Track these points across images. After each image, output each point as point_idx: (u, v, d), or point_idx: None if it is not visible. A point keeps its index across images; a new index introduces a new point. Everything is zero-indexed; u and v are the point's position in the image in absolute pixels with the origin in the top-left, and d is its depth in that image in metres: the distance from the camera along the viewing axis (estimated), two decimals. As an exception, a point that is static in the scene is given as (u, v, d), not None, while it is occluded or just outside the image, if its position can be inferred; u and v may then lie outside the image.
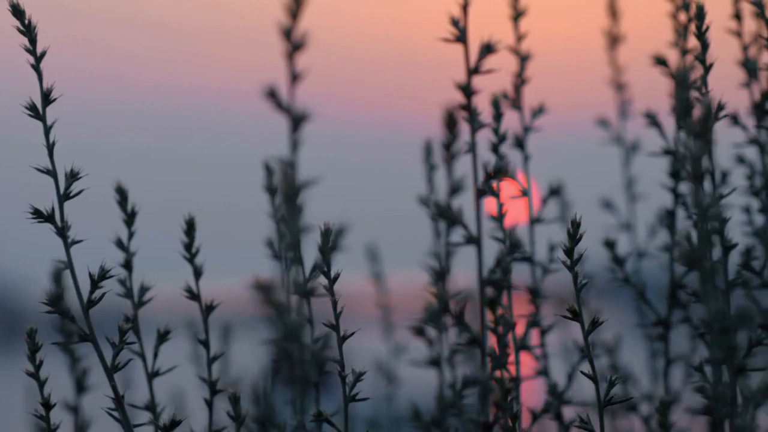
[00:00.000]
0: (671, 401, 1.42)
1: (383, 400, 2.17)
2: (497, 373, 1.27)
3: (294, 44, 1.07)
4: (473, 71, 1.29)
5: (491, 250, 1.43)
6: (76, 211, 1.48)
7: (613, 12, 1.86)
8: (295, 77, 1.07)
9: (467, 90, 1.28)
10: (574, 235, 1.29)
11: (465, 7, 1.30)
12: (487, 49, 1.28)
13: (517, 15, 1.64)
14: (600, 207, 1.86)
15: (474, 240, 1.22)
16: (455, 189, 1.14)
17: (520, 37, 1.64)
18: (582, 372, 1.36)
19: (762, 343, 1.38)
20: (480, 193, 1.24)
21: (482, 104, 1.53)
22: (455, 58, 1.57)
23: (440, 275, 1.14)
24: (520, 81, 1.64)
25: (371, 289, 2.19)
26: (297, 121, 1.07)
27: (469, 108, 1.28)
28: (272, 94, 1.07)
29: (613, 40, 1.86)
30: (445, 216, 1.13)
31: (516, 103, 1.64)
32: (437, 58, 1.32)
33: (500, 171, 1.24)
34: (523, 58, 1.64)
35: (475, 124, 1.28)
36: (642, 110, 1.70)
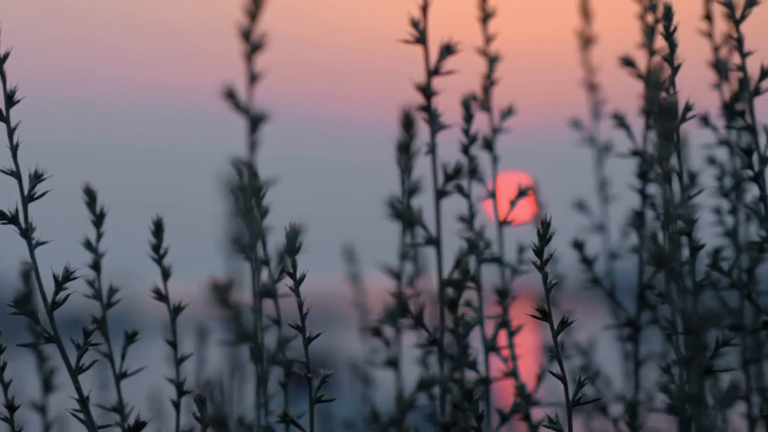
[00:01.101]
0: (639, 402, 1.42)
1: (360, 401, 2.17)
2: (460, 374, 1.27)
3: (253, 45, 1.07)
4: (433, 72, 1.29)
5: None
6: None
7: (586, 13, 1.86)
8: (253, 78, 1.07)
9: (427, 91, 1.28)
10: (544, 235, 1.29)
11: (425, 9, 1.31)
12: (447, 51, 1.28)
13: (486, 17, 1.64)
14: (573, 208, 1.86)
15: (433, 241, 1.22)
16: (413, 190, 1.14)
17: (488, 39, 1.64)
18: (551, 372, 1.37)
19: (729, 344, 1.38)
20: (440, 194, 1.24)
21: (453, 105, 1.53)
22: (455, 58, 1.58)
23: (398, 276, 1.14)
24: (488, 82, 1.65)
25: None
26: (255, 121, 1.07)
27: (428, 109, 1.28)
28: (230, 95, 1.07)
29: (586, 41, 1.86)
30: (402, 217, 1.13)
31: (485, 105, 1.64)
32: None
33: (460, 172, 1.24)
34: (492, 60, 1.64)
35: (435, 126, 1.28)
36: (614, 111, 1.70)
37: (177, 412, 1.47)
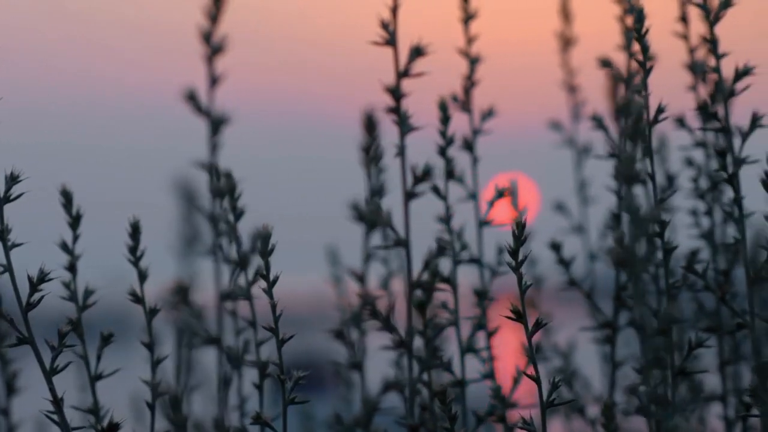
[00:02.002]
0: (615, 403, 1.43)
1: (340, 402, 2.17)
2: (429, 376, 1.27)
3: (213, 48, 1.07)
4: (402, 74, 1.29)
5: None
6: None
7: (566, 14, 1.86)
8: (214, 80, 1.07)
9: (396, 93, 1.28)
10: (519, 236, 1.29)
11: (394, 11, 1.31)
12: (417, 52, 1.28)
13: (468, 18, 1.64)
14: (552, 210, 1.86)
15: (402, 242, 1.22)
16: (375, 192, 1.14)
17: (470, 40, 1.64)
18: (525, 374, 1.37)
19: (703, 345, 1.38)
20: (409, 196, 1.24)
21: (433, 107, 1.54)
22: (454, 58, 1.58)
23: (361, 278, 1.14)
24: (469, 83, 1.65)
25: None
26: (216, 124, 1.07)
27: (398, 111, 1.28)
28: (191, 97, 1.07)
29: (566, 42, 1.86)
30: (365, 219, 1.14)
31: (465, 106, 1.64)
32: (435, 59, 1.33)
33: (429, 174, 1.24)
34: (473, 61, 1.64)
35: (405, 128, 1.28)
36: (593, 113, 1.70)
37: (152, 414, 1.47)
